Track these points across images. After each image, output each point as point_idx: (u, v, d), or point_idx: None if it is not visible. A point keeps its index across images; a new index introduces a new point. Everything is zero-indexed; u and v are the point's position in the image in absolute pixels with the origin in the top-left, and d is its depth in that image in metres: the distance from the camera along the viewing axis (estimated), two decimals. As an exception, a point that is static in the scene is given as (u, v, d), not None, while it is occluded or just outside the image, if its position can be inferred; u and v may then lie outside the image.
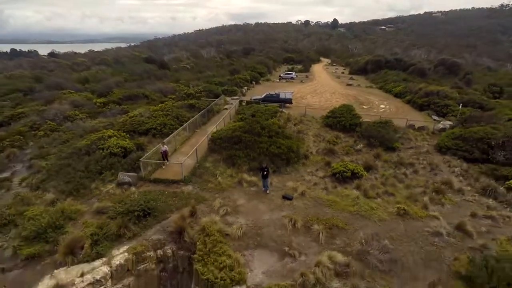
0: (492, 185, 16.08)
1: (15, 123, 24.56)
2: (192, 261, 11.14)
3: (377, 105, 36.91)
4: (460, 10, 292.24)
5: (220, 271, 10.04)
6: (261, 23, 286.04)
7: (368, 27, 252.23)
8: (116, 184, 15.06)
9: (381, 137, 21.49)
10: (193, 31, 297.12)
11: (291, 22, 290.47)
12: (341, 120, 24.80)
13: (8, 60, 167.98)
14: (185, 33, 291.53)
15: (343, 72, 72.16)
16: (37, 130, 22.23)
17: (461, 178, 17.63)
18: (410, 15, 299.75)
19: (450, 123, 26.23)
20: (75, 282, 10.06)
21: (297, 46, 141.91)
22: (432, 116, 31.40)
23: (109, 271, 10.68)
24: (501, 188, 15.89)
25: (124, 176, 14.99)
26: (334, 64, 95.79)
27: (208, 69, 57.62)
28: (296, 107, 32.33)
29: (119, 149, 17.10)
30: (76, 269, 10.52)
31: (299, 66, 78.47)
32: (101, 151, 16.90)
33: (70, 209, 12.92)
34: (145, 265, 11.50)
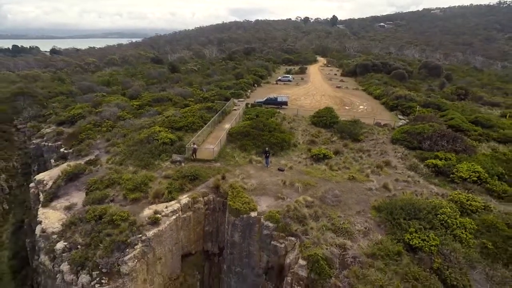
0: (416, 163, 24.40)
1: (79, 122, 32.78)
2: (226, 202, 19.48)
3: (357, 106, 45.12)
4: (459, 7, 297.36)
5: (242, 204, 18.38)
6: (261, 20, 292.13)
7: (367, 24, 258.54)
8: (170, 162, 23.35)
9: (350, 132, 29.78)
10: (193, 28, 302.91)
11: (290, 19, 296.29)
12: (323, 119, 33.05)
13: (11, 57, 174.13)
14: (185, 29, 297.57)
15: (335, 74, 79.81)
16: (100, 126, 30.46)
17: (400, 159, 25.93)
18: (409, 12, 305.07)
19: (406, 121, 34.47)
20: (163, 210, 18.41)
21: (296, 46, 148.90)
22: (398, 115, 39.60)
23: (179, 206, 19.02)
24: (421, 165, 24.21)
25: (176, 157, 23.29)
26: (329, 65, 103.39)
27: (215, 73, 65.47)
28: (291, 108, 40.49)
29: (168, 139, 25.38)
30: (162, 205, 18.87)
31: (297, 68, 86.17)
32: (156, 141, 25.17)
33: (148, 175, 21.20)
34: (198, 205, 19.84)
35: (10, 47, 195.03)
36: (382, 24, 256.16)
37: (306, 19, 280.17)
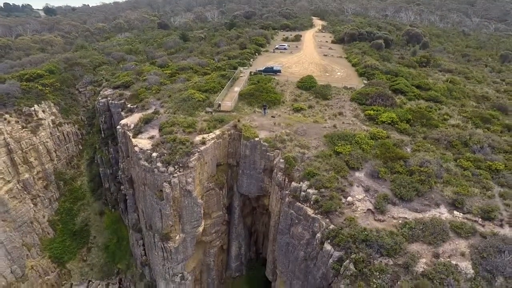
0: (359, 113, 38.65)
1: (132, 86, 46.26)
2: (241, 134, 34.08)
3: (336, 72, 58.08)
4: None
5: (250, 134, 33.03)
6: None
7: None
8: (205, 112, 37.57)
9: (322, 93, 43.55)
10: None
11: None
12: (305, 84, 46.57)
13: (4, 17, 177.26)
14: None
15: (327, 41, 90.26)
16: (150, 90, 44.06)
17: (350, 111, 40.10)
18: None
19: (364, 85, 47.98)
20: (206, 137, 33.06)
21: (295, 9, 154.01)
22: (364, 81, 52.80)
23: (214, 136, 33.66)
24: (362, 114, 38.47)
25: (208, 109, 37.50)
26: (323, 31, 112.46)
27: (222, 42, 76.51)
28: (284, 75, 53.47)
29: (201, 98, 39.32)
30: (205, 135, 33.50)
31: (293, 35, 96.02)
32: (194, 99, 39.10)
33: (194, 119, 35.51)
34: (224, 135, 34.51)
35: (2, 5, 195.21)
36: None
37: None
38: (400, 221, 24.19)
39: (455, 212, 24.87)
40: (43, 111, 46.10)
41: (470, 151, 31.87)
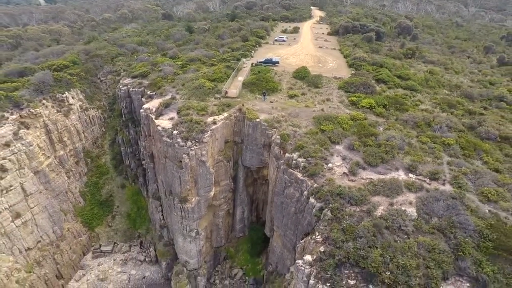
0: (344, 99, 45.84)
1: (149, 75, 53.18)
2: (244, 116, 41.37)
3: (328, 64, 64.81)
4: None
5: (252, 116, 40.36)
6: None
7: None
8: (214, 98, 44.75)
9: (314, 82, 50.56)
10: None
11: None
12: (300, 74, 53.49)
13: (5, 5, 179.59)
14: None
15: (323, 33, 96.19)
16: (166, 79, 50.99)
17: (337, 97, 47.25)
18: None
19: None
20: (217, 118, 40.37)
21: (294, 0, 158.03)
22: (352, 71, 59.60)
23: (223, 117, 40.99)
24: (346, 100, 45.66)
25: (217, 95, 44.69)
26: (321, 22, 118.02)
27: (225, 35, 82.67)
28: (281, 66, 60.21)
29: (210, 86, 46.42)
30: (216, 116, 40.80)
31: (292, 26, 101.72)
32: (204, 87, 46.19)
33: (206, 104, 42.73)
34: (231, 117, 41.87)
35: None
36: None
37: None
38: (367, 181, 31.83)
39: (410, 175, 32.50)
40: (72, 97, 53.22)
41: (431, 130, 39.29)
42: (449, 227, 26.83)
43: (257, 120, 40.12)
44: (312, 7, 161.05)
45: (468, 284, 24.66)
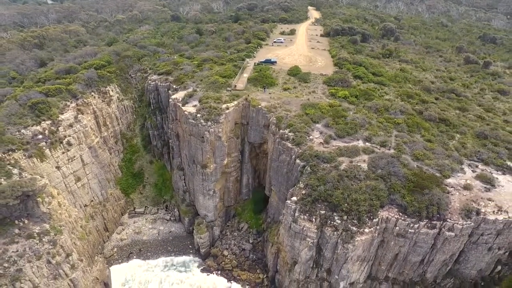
0: (326, 91, 59.51)
1: (173, 73, 66.79)
2: (249, 104, 55.11)
3: (317, 63, 78.25)
4: None
5: (256, 103, 54.11)
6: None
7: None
8: (226, 90, 58.47)
9: (304, 78, 64.17)
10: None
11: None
12: (293, 72, 67.06)
13: (9, 4, 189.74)
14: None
15: (317, 35, 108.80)
16: (186, 75, 64.58)
17: (320, 90, 60.88)
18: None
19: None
20: (229, 105, 54.10)
21: (293, 2, 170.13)
22: (336, 69, 72.95)
23: (233, 104, 54.77)
24: (327, 92, 59.36)
25: (228, 88, 58.40)
26: (316, 24, 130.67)
27: (230, 37, 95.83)
28: (278, 65, 73.58)
29: (222, 81, 60.08)
30: (228, 103, 54.55)
31: (289, 28, 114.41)
32: (218, 82, 59.85)
33: (220, 95, 56.45)
34: (239, 105, 55.69)
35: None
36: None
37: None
38: (336, 147, 45.68)
39: (366, 143, 46.38)
40: (112, 90, 66.96)
41: (388, 114, 52.97)
42: (387, 175, 40.70)
43: (259, 106, 53.86)
44: (309, 7, 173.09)
45: (396, 209, 38.80)
